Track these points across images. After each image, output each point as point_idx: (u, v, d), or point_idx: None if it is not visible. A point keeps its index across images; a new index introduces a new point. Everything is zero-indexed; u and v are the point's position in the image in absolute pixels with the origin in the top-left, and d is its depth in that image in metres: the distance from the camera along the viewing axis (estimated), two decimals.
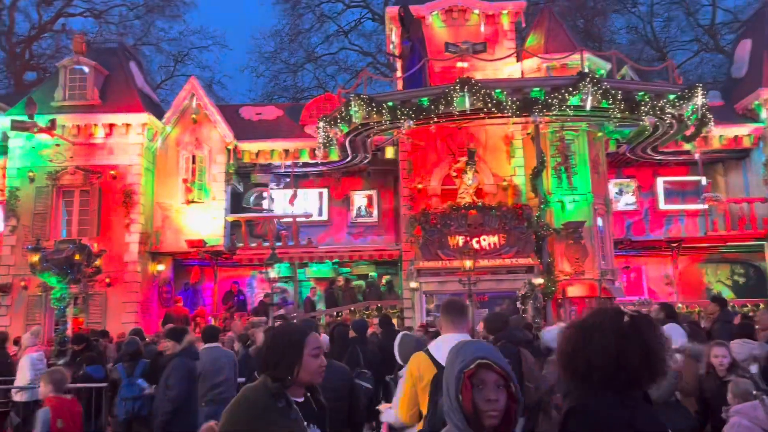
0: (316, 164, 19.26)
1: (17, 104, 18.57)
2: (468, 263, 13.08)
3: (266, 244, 18.66)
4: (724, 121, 18.28)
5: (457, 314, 3.66)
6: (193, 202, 18.13)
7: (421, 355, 3.70)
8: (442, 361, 3.16)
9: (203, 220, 18.16)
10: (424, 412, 3.51)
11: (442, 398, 2.65)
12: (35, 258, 12.26)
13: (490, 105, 13.97)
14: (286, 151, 19.39)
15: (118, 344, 11.03)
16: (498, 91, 14.04)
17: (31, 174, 17.47)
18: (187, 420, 6.07)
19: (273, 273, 15.36)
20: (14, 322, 16.64)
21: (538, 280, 14.88)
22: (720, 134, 18.46)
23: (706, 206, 18.65)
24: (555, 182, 16.27)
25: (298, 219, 19.03)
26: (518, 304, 14.61)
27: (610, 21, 34.63)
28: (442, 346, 3.44)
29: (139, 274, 17.33)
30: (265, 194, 19.39)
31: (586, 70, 14.58)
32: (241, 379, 7.33)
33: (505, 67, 17.12)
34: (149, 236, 17.97)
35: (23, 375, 8.95)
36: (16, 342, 12.62)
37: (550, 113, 14.45)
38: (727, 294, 19.33)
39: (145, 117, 17.79)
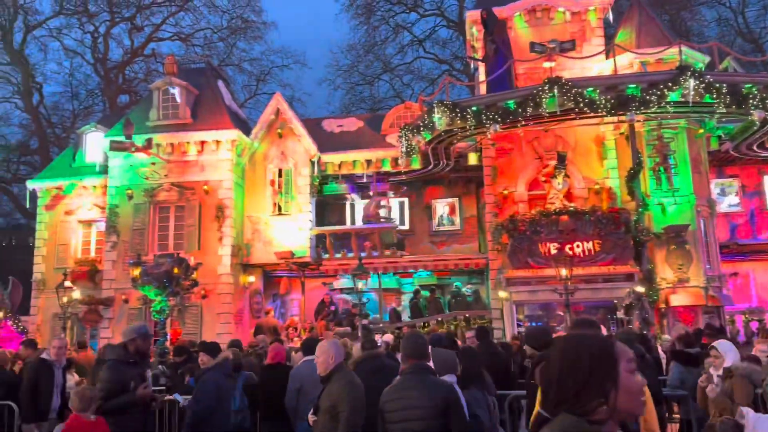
0: (398, 173, 19.15)
1: (115, 126, 19.60)
2: (564, 271, 12.48)
3: (350, 254, 18.72)
4: None
5: None
6: (280, 214, 18.45)
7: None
8: None
9: (290, 232, 18.44)
10: None
11: None
12: (136, 272, 12.80)
13: (581, 104, 13.39)
14: (368, 161, 19.41)
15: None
16: (590, 89, 13.44)
17: (129, 192, 18.34)
18: None
19: (360, 284, 15.30)
20: (116, 335, 17.42)
21: (641, 289, 14.03)
22: None
23: None
24: (653, 184, 15.37)
25: (380, 228, 18.99)
26: (619, 314, 13.81)
27: (698, 14, 32.76)
28: None
29: (232, 285, 17.77)
30: (383, 202, 19.40)
31: (685, 64, 13.71)
32: None
33: (594, 65, 16.41)
34: (240, 249, 18.43)
35: None
36: None
37: (648, 111, 13.67)
38: None
39: (234, 133, 18.30)
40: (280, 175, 18.73)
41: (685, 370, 6.66)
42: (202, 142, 18.51)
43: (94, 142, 19.97)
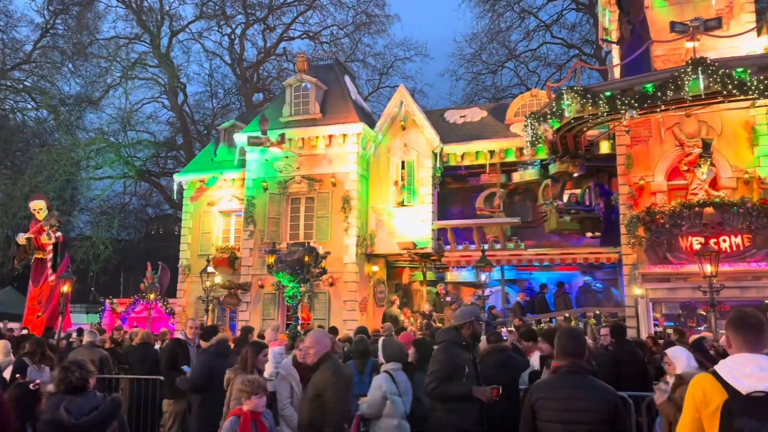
0: (523, 163, 18.70)
1: (251, 123, 20.88)
2: (709, 268, 11.53)
3: (472, 246, 18.59)
4: None
5: (753, 330, 3.06)
6: (403, 205, 18.72)
7: (706, 377, 3.15)
8: (735, 384, 2.79)
9: (412, 223, 18.65)
10: None
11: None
12: (272, 259, 13.56)
13: (729, 87, 12.23)
14: (491, 152, 19.11)
15: (345, 341, 11.64)
16: (739, 70, 12.23)
17: (264, 184, 19.49)
18: (210, 415, 6.43)
19: (483, 276, 15.14)
20: (252, 317, 18.64)
21: None
22: None
23: None
24: None
25: (503, 223, 18.69)
26: None
27: None
28: (734, 368, 2.91)
29: (357, 274, 18.33)
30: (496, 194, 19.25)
31: None
32: None
33: (742, 44, 14.92)
34: (364, 239, 18.95)
35: (267, 367, 9.79)
36: (261, 336, 13.96)
37: None
38: None
39: (360, 127, 18.80)
40: (402, 167, 18.98)
41: None
42: (330, 136, 19.20)
43: (233, 138, 21.41)
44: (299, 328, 13.24)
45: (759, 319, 2.99)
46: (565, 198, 17.69)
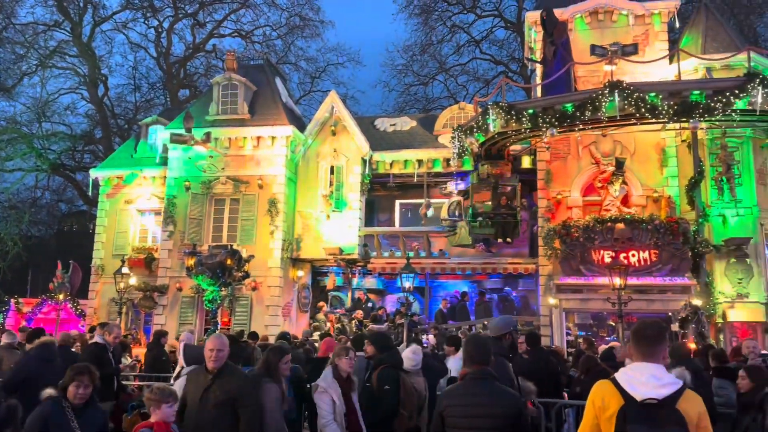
0: (449, 174, 19.09)
1: (175, 119, 20.23)
2: (618, 281, 12.16)
3: (398, 254, 18.80)
4: None
5: (652, 341, 3.21)
6: (331, 210, 18.66)
7: (606, 383, 3.30)
8: (631, 391, 2.94)
9: (340, 229, 18.61)
10: None
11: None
12: (191, 261, 13.13)
13: (643, 110, 12.97)
14: (420, 162, 19.40)
15: (262, 347, 11.44)
16: (652, 94, 13.00)
17: (187, 183, 18.89)
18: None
19: (408, 283, 15.32)
20: (168, 321, 17.99)
21: (698, 302, 13.56)
22: None
23: None
24: (714, 194, 14.86)
25: (429, 232, 19.01)
26: (673, 328, 13.38)
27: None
28: (631, 376, 3.05)
29: (281, 279, 18.08)
30: (430, 203, 19.26)
31: (753, 71, 13.13)
32: None
33: (656, 70, 15.92)
34: (290, 243, 18.73)
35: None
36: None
37: (712, 118, 13.16)
38: None
39: (290, 130, 18.60)
40: (332, 172, 18.93)
41: (729, 384, 6.48)
42: (259, 138, 18.89)
43: (155, 134, 20.66)
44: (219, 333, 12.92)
45: (658, 331, 3.13)
46: (491, 203, 17.49)
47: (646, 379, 2.91)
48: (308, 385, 7.64)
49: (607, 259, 14.45)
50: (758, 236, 14.73)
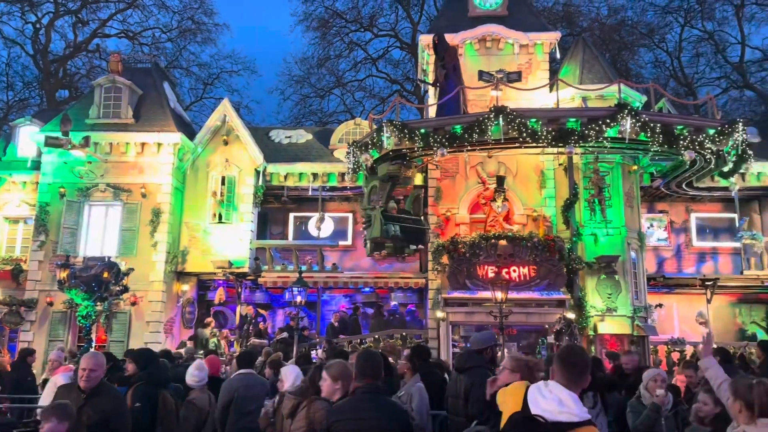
0: (344, 188, 19.19)
1: (51, 121, 18.83)
2: (500, 295, 12.74)
3: (290, 267, 18.57)
4: (762, 158, 17.87)
5: (576, 369, 3.11)
6: (220, 222, 18.10)
7: (521, 387, 3.30)
8: (530, 402, 2.94)
9: (230, 242, 18.09)
10: None
11: None
12: (64, 274, 12.24)
13: (524, 134, 13.77)
14: (315, 175, 19.35)
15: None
16: (533, 120, 13.84)
17: (62, 190, 17.59)
18: None
19: (299, 297, 15.18)
20: (37, 339, 16.59)
21: (571, 315, 14.48)
22: (758, 171, 18.06)
23: (742, 245, 18.14)
24: (587, 215, 15.95)
25: (322, 246, 19.00)
26: (549, 339, 14.19)
27: (637, 55, 34.52)
28: (543, 390, 3.07)
29: (164, 293, 17.23)
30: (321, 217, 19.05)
31: (623, 102, 14.35)
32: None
33: (538, 97, 16.98)
34: (175, 256, 17.93)
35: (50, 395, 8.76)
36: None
37: (586, 144, 14.20)
38: (761, 335, 18.71)
39: (177, 137, 17.89)
40: (222, 183, 18.39)
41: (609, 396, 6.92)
42: (143, 144, 18.00)
43: (28, 136, 19.10)
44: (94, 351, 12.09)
45: (584, 361, 3.15)
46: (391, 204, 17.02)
47: (551, 399, 2.89)
48: None
49: (491, 274, 15.08)
50: (625, 254, 16.00)
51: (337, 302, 20.44)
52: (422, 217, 16.00)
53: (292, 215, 20.91)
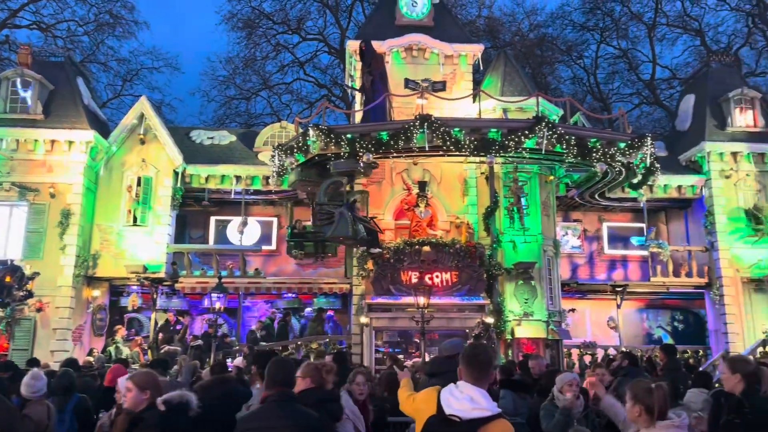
0: (268, 192, 18.87)
1: None
2: (422, 300, 12.89)
3: (210, 272, 18.04)
4: (668, 171, 19.06)
5: (479, 366, 3.19)
6: (135, 225, 17.35)
7: (433, 393, 3.33)
8: (444, 404, 3.05)
9: (145, 245, 17.38)
10: None
11: None
12: None
13: (448, 143, 14.03)
14: (238, 178, 18.93)
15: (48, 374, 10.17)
16: (456, 129, 14.13)
17: None
18: None
19: (218, 303, 14.77)
20: None
21: (490, 320, 14.85)
22: (664, 184, 19.21)
23: (649, 253, 19.24)
24: (507, 222, 16.43)
25: (245, 251, 18.61)
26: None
27: (556, 70, 36.08)
28: (453, 392, 3.13)
29: (73, 299, 16.31)
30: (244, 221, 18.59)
31: (541, 114, 14.91)
32: None
33: (462, 107, 17.35)
34: (85, 259, 17.01)
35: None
36: None
37: (506, 154, 14.64)
38: (667, 339, 19.90)
39: (90, 134, 17.04)
40: (138, 184, 17.64)
41: (518, 397, 7.12)
42: (53, 141, 17.03)
43: None
44: None
45: (488, 358, 3.23)
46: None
47: (463, 399, 2.98)
48: (95, 416, 6.99)
49: (414, 280, 15.24)
50: (542, 261, 16.58)
51: (258, 308, 20.03)
52: (372, 220, 15.92)
53: (213, 219, 20.36)
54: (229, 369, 8.73)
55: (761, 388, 4.80)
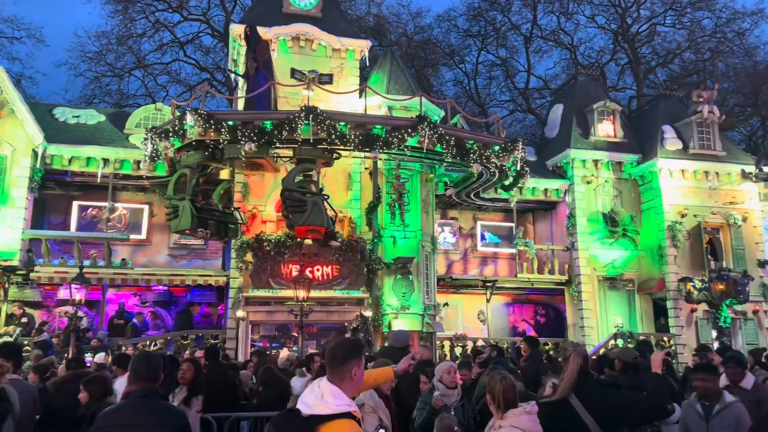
0: (139, 177, 17.76)
1: None
2: (301, 293, 12.77)
3: (71, 262, 16.69)
4: (537, 175, 20.35)
5: (335, 362, 3.12)
6: None
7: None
8: (300, 400, 3.03)
9: None
10: None
11: None
12: None
13: (333, 136, 13.97)
14: (105, 161, 17.65)
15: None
16: (342, 123, 14.08)
17: None
18: None
19: (78, 295, 13.68)
20: None
21: (368, 313, 15.04)
22: (533, 186, 20.48)
23: (517, 251, 20.44)
24: (388, 218, 16.70)
25: (111, 239, 17.40)
26: (347, 336, 14.57)
27: (439, 73, 37.31)
28: (311, 389, 3.10)
29: None
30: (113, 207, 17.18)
31: (424, 114, 15.30)
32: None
33: (348, 101, 17.39)
34: None
35: None
36: None
37: (390, 151, 14.86)
38: (530, 332, 21.26)
39: None
40: None
41: None
42: None
43: None
44: None
45: (346, 352, 3.14)
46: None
47: (315, 394, 2.94)
48: None
49: (295, 273, 15.09)
50: (420, 256, 17.08)
51: (126, 301, 18.86)
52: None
53: (76, 204, 18.86)
54: (87, 365, 8.13)
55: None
